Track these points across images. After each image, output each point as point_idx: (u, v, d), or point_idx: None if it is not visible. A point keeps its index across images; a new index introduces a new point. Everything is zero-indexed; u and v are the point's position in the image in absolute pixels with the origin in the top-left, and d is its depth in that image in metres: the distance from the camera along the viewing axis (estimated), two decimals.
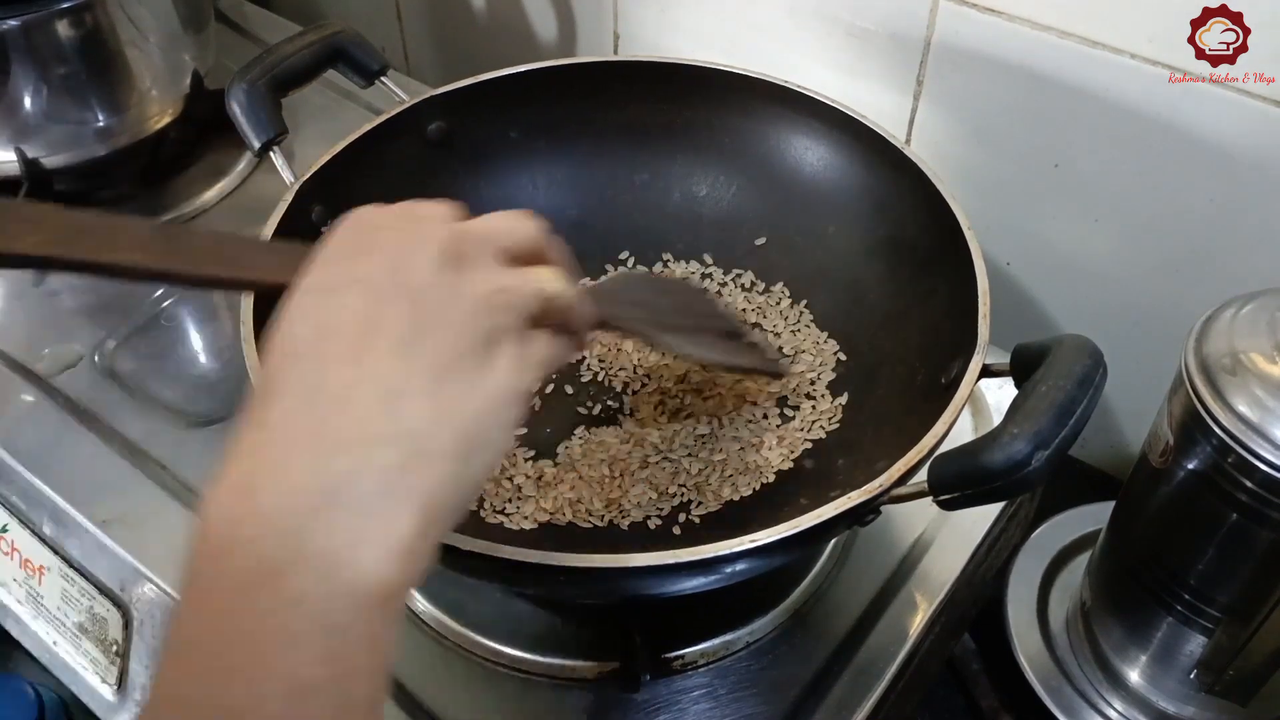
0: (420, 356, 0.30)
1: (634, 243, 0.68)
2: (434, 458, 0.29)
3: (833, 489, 0.53)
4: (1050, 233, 0.70)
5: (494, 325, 0.32)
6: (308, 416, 0.28)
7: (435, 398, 0.29)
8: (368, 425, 0.28)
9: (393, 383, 0.29)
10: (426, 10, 0.98)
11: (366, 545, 0.27)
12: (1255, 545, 0.51)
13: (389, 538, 0.27)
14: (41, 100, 0.71)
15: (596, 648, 0.53)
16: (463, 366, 0.30)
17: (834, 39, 0.72)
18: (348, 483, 0.27)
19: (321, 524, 0.27)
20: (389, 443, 0.28)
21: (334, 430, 0.28)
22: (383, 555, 0.27)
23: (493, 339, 0.32)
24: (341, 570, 0.26)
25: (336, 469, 0.27)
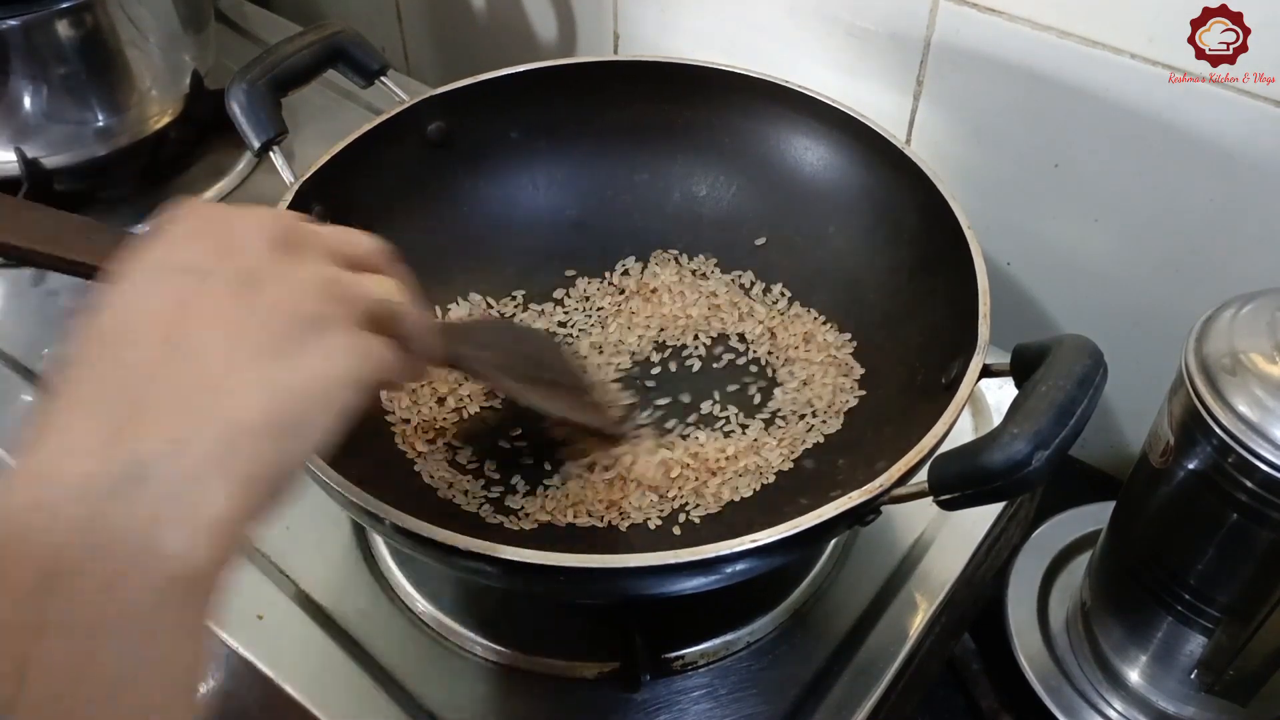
0: (240, 335, 0.29)
1: (634, 243, 0.68)
2: (249, 436, 0.27)
3: (833, 489, 0.52)
4: (1050, 233, 0.70)
5: (326, 310, 0.31)
6: (112, 397, 0.27)
7: (253, 377, 0.28)
8: (178, 403, 0.27)
9: (208, 360, 0.28)
10: (426, 10, 0.98)
11: (175, 527, 0.26)
12: (1255, 545, 0.51)
13: (200, 519, 0.26)
14: (41, 100, 0.71)
15: (596, 648, 0.52)
16: (285, 347, 0.29)
17: (834, 39, 0.72)
18: (155, 463, 0.26)
19: (124, 507, 0.25)
20: (201, 422, 0.27)
21: (140, 409, 0.27)
22: (192, 537, 0.26)
23: (323, 324, 0.31)
24: (148, 554, 0.25)
25: (143, 449, 0.26)
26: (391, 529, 0.42)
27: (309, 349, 0.30)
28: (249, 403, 0.28)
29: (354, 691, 0.51)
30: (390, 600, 0.55)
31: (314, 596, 0.55)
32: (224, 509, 0.26)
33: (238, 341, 0.29)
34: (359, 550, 0.57)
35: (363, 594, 0.55)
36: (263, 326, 0.29)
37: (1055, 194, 0.68)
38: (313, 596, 0.55)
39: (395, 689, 0.52)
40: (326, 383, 0.30)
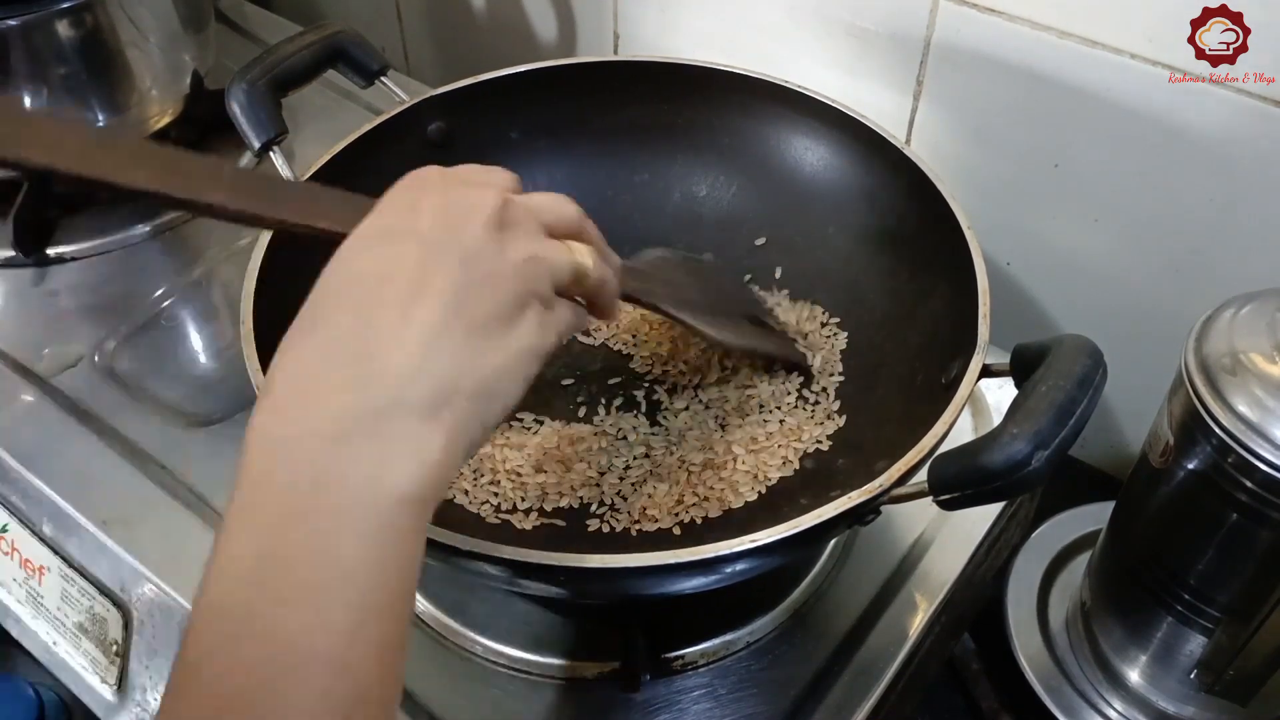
0: (460, 309, 0.33)
1: (634, 243, 0.67)
2: (459, 398, 0.32)
3: (833, 489, 0.53)
4: (1050, 233, 0.70)
5: (527, 289, 0.36)
6: (353, 348, 0.32)
7: (466, 348, 0.33)
8: (406, 363, 0.32)
9: (433, 330, 0.32)
10: (426, 10, 0.98)
11: (401, 461, 0.31)
12: (1255, 545, 0.51)
13: (420, 457, 0.31)
14: (41, 100, 0.71)
15: (596, 648, 0.53)
16: (494, 324, 0.34)
17: (834, 39, 0.72)
18: (388, 409, 0.31)
19: (362, 436, 0.30)
20: (423, 381, 0.32)
21: (377, 363, 0.32)
22: (415, 471, 0.31)
23: (523, 302, 0.35)
24: (381, 481, 0.30)
25: (376, 396, 0.31)
26: None
27: (510, 326, 0.35)
28: (458, 368, 0.33)
29: None
30: None
31: None
32: (437, 455, 0.31)
33: (457, 314, 0.33)
34: None
35: None
36: (476, 305, 0.34)
37: (1055, 194, 0.68)
38: None
39: None
40: (521, 356, 0.35)
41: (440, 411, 0.32)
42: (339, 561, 0.29)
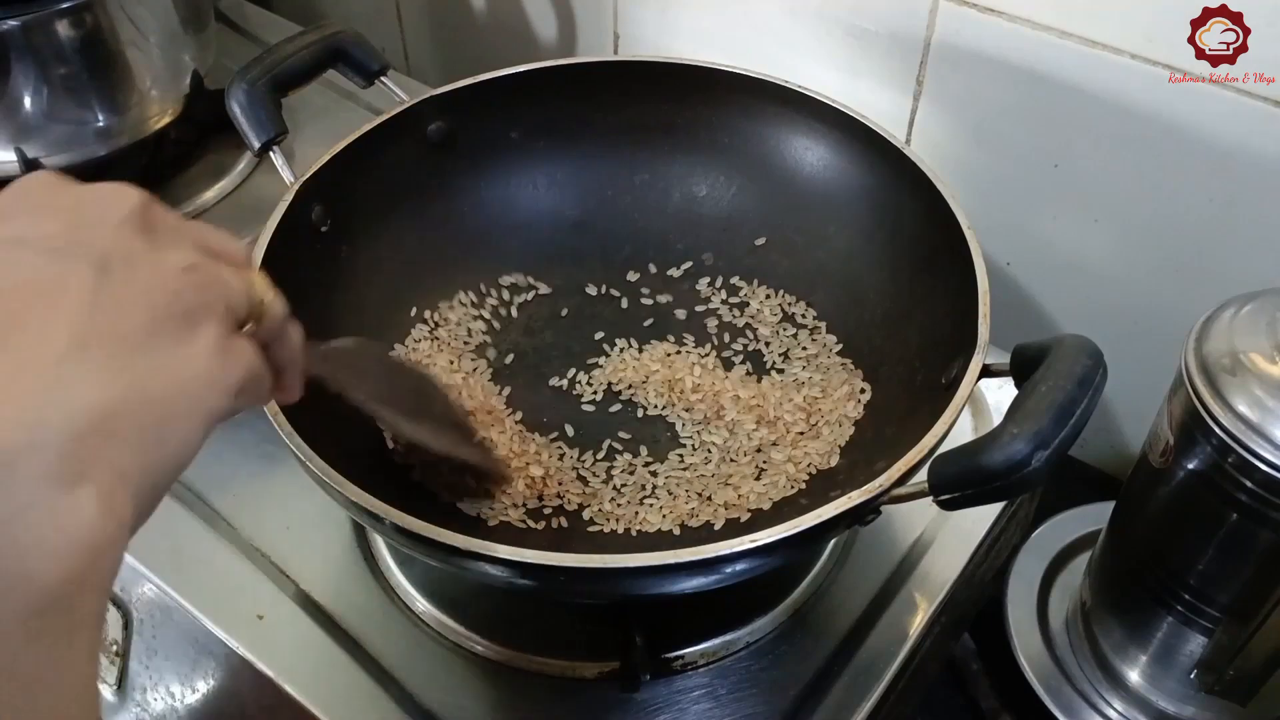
0: (101, 324, 0.25)
1: (634, 243, 0.68)
2: (112, 439, 0.24)
3: (833, 489, 0.53)
4: (1050, 233, 0.70)
5: (196, 301, 0.28)
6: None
7: (118, 371, 0.25)
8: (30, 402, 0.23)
9: (65, 351, 0.24)
10: (426, 10, 0.98)
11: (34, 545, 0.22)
12: (1255, 545, 0.51)
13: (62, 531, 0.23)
14: (41, 100, 0.71)
15: (596, 648, 0.52)
16: (154, 339, 0.26)
17: (834, 39, 0.72)
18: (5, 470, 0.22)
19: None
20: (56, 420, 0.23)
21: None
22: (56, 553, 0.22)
23: (194, 316, 0.28)
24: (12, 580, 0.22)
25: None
26: (391, 529, 0.42)
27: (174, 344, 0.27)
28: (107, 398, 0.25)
29: (354, 691, 0.51)
30: (390, 600, 0.55)
31: (314, 596, 0.55)
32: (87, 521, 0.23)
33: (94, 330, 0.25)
34: (359, 550, 0.57)
35: (363, 594, 0.55)
36: (125, 316, 0.26)
37: (1055, 194, 0.68)
38: (313, 596, 0.55)
39: (395, 689, 0.52)
40: (195, 384, 0.27)
41: (86, 462, 0.23)
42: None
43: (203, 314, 0.28)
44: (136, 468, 0.25)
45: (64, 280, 0.26)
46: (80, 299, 0.25)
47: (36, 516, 0.22)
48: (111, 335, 0.25)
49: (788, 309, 0.65)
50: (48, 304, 0.25)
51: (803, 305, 0.64)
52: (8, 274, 0.26)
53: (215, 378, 0.28)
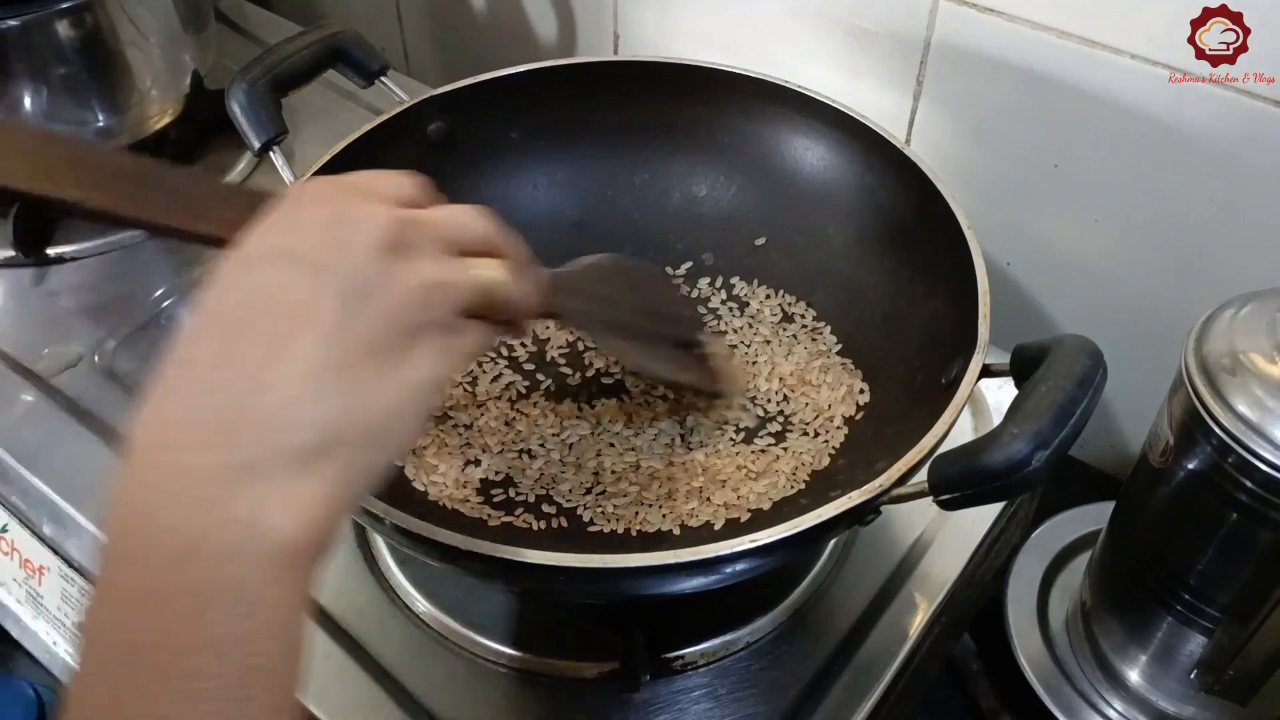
0: (340, 342, 0.30)
1: (634, 243, 0.68)
2: (342, 446, 0.29)
3: (833, 489, 0.53)
4: (1050, 233, 0.70)
5: (422, 317, 0.32)
6: (219, 394, 0.29)
7: (349, 385, 0.30)
8: (278, 409, 0.29)
9: (309, 366, 0.29)
10: (426, 10, 0.98)
11: (274, 516, 0.28)
12: (1255, 545, 0.51)
13: (295, 510, 0.28)
14: (41, 100, 0.71)
15: (596, 648, 0.52)
16: (381, 356, 0.31)
17: (834, 39, 0.72)
18: (257, 465, 0.28)
19: (231, 496, 0.28)
20: (298, 426, 0.29)
21: (246, 411, 0.29)
22: (289, 525, 0.28)
23: (418, 330, 0.32)
24: (250, 547, 0.28)
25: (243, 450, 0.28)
26: (391, 529, 0.42)
27: (403, 359, 0.31)
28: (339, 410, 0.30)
29: (354, 691, 0.51)
30: (390, 600, 0.55)
31: (314, 596, 0.55)
32: (316, 511, 0.29)
33: (336, 348, 0.30)
34: (359, 550, 0.57)
35: (363, 594, 0.55)
36: (361, 336, 0.30)
37: (1055, 194, 0.68)
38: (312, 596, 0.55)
39: (395, 689, 0.52)
40: (415, 392, 0.32)
41: (319, 463, 0.29)
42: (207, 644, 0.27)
43: (425, 327, 0.32)
44: (359, 462, 0.30)
45: (315, 302, 0.30)
46: (326, 323, 0.30)
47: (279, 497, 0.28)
48: (348, 354, 0.30)
49: (788, 309, 0.65)
50: (300, 321, 0.30)
51: (803, 305, 0.64)
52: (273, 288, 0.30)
53: (433, 381, 0.32)
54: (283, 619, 0.29)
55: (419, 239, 0.33)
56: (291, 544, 0.28)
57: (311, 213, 0.32)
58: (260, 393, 0.29)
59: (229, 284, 0.31)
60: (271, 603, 0.28)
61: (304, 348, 0.29)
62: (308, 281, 0.30)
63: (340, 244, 0.31)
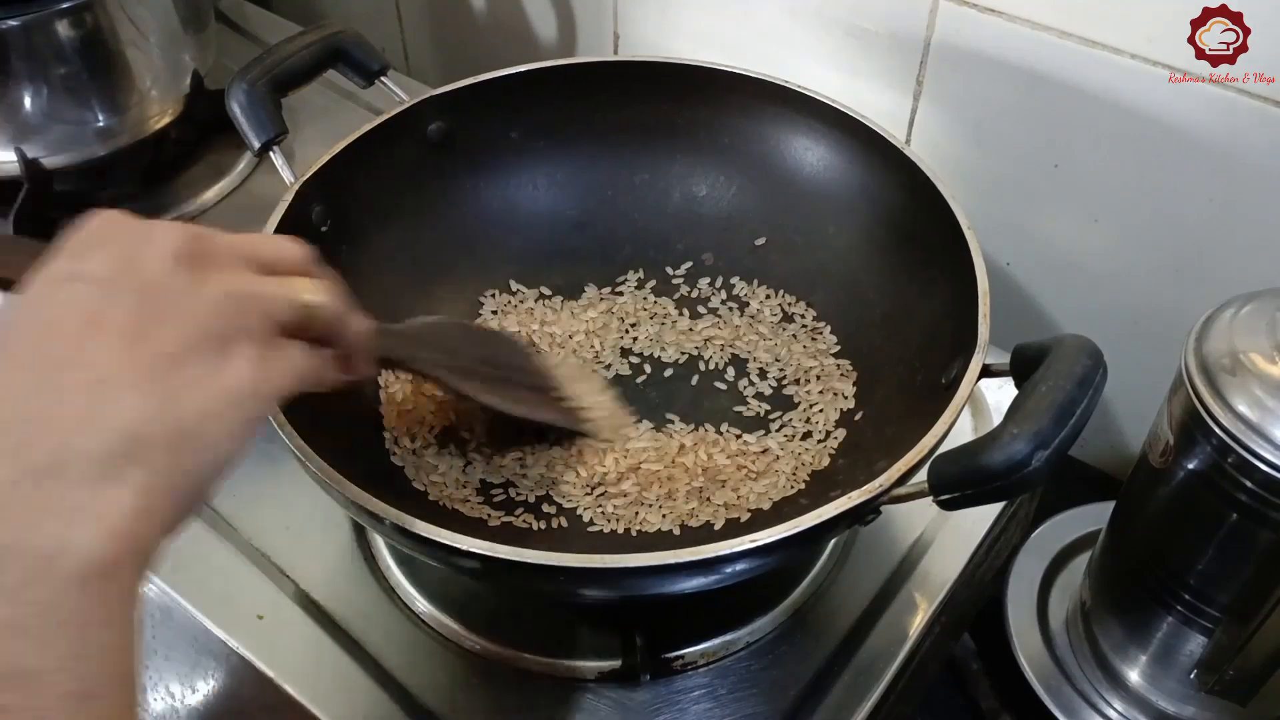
0: (140, 350, 0.29)
1: (634, 243, 0.68)
2: (148, 447, 0.29)
3: (833, 489, 0.53)
4: (1050, 233, 0.70)
5: (231, 325, 0.32)
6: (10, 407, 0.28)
7: (152, 391, 0.29)
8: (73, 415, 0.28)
9: (106, 373, 0.29)
10: (426, 10, 0.98)
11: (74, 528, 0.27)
12: (1255, 545, 0.51)
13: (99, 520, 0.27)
14: (41, 100, 0.71)
15: (596, 648, 0.53)
16: (190, 362, 0.30)
17: (834, 39, 0.72)
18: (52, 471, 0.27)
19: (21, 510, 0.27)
20: (96, 430, 0.28)
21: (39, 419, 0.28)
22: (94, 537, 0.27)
23: (229, 339, 0.31)
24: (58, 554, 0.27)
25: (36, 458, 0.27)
26: (391, 529, 0.42)
27: (212, 366, 0.31)
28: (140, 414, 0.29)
29: (354, 691, 0.51)
30: (390, 600, 0.55)
31: (314, 596, 0.55)
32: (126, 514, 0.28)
33: (133, 355, 0.29)
34: (359, 550, 0.57)
35: (363, 594, 0.55)
36: (162, 342, 0.30)
37: (1055, 194, 0.68)
38: (313, 596, 0.55)
39: (395, 689, 0.52)
40: (227, 397, 0.31)
41: (124, 469, 0.28)
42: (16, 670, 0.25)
43: (237, 336, 0.32)
44: (174, 469, 0.29)
45: (109, 313, 0.30)
46: (121, 329, 0.29)
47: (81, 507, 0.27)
48: (148, 361, 0.29)
49: (788, 309, 0.65)
50: (93, 333, 0.29)
51: (803, 305, 0.64)
52: (62, 305, 0.30)
53: (250, 390, 0.32)
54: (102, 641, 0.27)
55: (218, 253, 0.33)
56: (99, 559, 0.27)
57: (98, 239, 0.32)
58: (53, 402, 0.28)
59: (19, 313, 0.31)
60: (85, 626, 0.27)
61: (100, 356, 0.29)
62: (101, 297, 0.30)
63: (133, 260, 0.31)
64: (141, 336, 0.29)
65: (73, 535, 0.27)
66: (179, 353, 0.30)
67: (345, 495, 0.43)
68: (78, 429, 0.28)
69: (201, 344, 0.30)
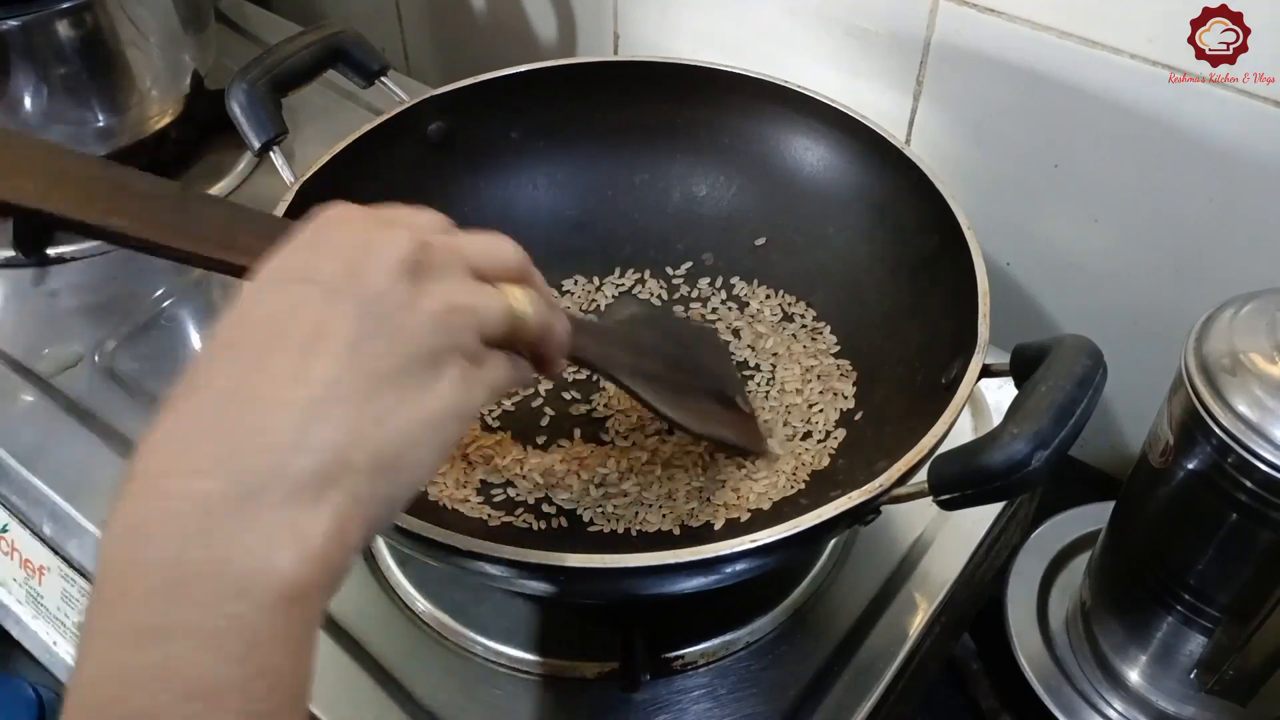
0: (357, 365, 0.29)
1: (634, 243, 0.68)
2: (352, 473, 0.28)
3: (833, 489, 0.53)
4: (1050, 233, 0.70)
5: (445, 342, 0.31)
6: (227, 416, 0.28)
7: (364, 410, 0.29)
8: (286, 433, 0.28)
9: (322, 389, 0.28)
10: (426, 10, 0.98)
11: (277, 549, 0.26)
12: (1255, 545, 0.51)
13: (300, 543, 0.27)
14: (41, 100, 0.71)
15: (596, 648, 0.53)
16: (401, 381, 0.30)
17: (834, 39, 0.72)
18: (260, 491, 0.27)
19: (231, 526, 0.26)
20: (305, 450, 0.28)
21: (253, 435, 0.27)
22: (293, 559, 0.27)
23: (439, 357, 0.31)
24: (258, 572, 0.26)
25: (247, 476, 0.27)
26: (391, 529, 0.42)
27: (424, 386, 0.30)
28: (351, 436, 0.28)
29: (354, 691, 0.51)
30: (390, 600, 0.55)
31: None
32: (325, 538, 0.27)
33: (351, 372, 0.29)
34: None
35: (363, 594, 0.55)
36: (379, 359, 0.29)
37: (1055, 194, 0.68)
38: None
39: (395, 689, 0.52)
40: (436, 420, 0.30)
41: (327, 491, 0.27)
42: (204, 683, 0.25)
43: (449, 353, 0.31)
44: (371, 494, 0.29)
45: (332, 324, 0.29)
46: (342, 343, 0.29)
47: (284, 528, 0.27)
48: (363, 379, 0.29)
49: (788, 309, 0.65)
50: (315, 344, 0.29)
51: (803, 305, 0.64)
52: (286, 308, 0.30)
53: (454, 412, 0.31)
54: (287, 664, 0.27)
55: (443, 262, 0.32)
56: (296, 581, 0.26)
57: (331, 237, 0.31)
58: (269, 417, 0.28)
59: (245, 310, 0.30)
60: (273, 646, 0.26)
61: (318, 371, 0.28)
62: (325, 305, 0.29)
63: (360, 267, 0.30)
64: (361, 355, 0.29)
65: (273, 556, 0.26)
66: (393, 372, 0.29)
67: None
68: (290, 449, 0.27)
69: (415, 363, 0.30)
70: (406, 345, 0.30)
